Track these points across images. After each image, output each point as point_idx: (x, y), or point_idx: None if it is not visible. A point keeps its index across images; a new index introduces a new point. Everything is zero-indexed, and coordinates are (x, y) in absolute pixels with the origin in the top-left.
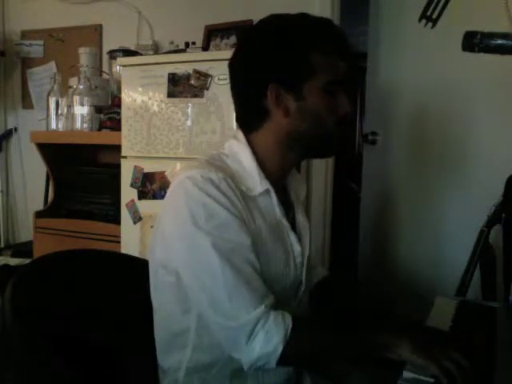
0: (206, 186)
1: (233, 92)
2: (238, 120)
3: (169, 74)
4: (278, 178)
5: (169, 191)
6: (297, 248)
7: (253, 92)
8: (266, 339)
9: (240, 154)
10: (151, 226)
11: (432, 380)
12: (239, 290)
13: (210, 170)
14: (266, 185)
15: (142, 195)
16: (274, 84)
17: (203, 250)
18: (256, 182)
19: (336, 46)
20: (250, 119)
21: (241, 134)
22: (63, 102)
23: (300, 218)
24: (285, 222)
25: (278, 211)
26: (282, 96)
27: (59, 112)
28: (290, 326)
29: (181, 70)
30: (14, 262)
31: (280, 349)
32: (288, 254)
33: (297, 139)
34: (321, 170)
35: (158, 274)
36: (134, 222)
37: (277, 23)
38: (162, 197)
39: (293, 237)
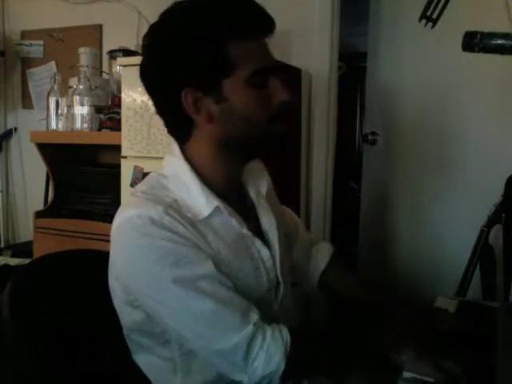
0: (146, 227)
1: (152, 103)
2: (168, 132)
3: None
4: (227, 186)
5: (111, 237)
6: (265, 252)
7: (167, 101)
8: (268, 359)
9: (179, 172)
10: None
11: (432, 380)
12: (219, 315)
13: (147, 205)
14: (214, 202)
15: None
16: (188, 88)
17: (167, 290)
18: (202, 203)
19: (252, 27)
20: (176, 130)
21: (176, 148)
22: (63, 102)
23: (264, 217)
24: (245, 232)
25: (235, 224)
26: (201, 100)
27: (59, 112)
28: (289, 341)
29: None
30: (14, 261)
31: (282, 366)
32: (256, 262)
33: (231, 144)
34: (321, 169)
35: (127, 314)
36: None
37: (177, 16)
38: None
39: (258, 242)
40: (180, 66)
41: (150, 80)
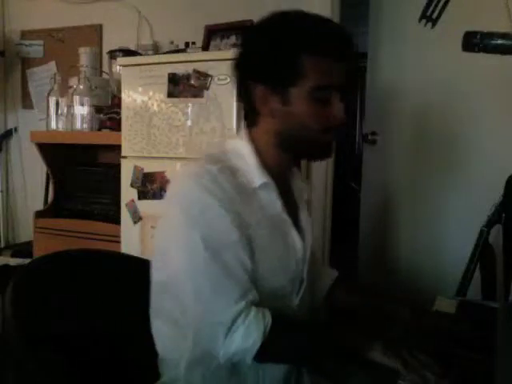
0: (202, 179)
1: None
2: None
3: (169, 74)
4: (278, 174)
5: (169, 185)
6: (298, 243)
7: (244, 90)
8: (246, 334)
9: (241, 149)
10: (151, 226)
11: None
12: (223, 283)
13: (208, 162)
14: (266, 178)
15: (142, 195)
16: (261, 85)
17: (193, 242)
18: (255, 174)
19: (330, 48)
20: (247, 115)
21: (244, 132)
22: (63, 102)
23: (303, 215)
24: (285, 217)
25: (278, 205)
26: (269, 98)
27: (59, 112)
28: (270, 323)
29: (181, 70)
30: (13, 261)
31: (258, 345)
32: (288, 248)
33: (285, 140)
34: (321, 170)
35: (156, 269)
36: (134, 222)
37: (268, 22)
38: (162, 197)
39: (294, 232)
40: (259, 65)
41: (236, 69)
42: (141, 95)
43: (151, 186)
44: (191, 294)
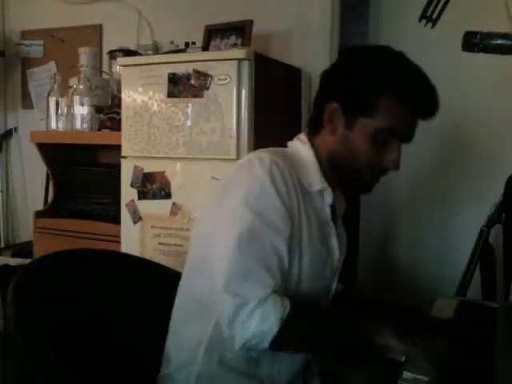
0: (271, 168)
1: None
2: (308, 121)
3: (169, 74)
4: (329, 183)
5: (234, 169)
6: (336, 253)
7: (318, 100)
8: (263, 317)
9: (302, 153)
10: (151, 226)
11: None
12: (256, 270)
13: (278, 156)
14: (324, 184)
15: (142, 195)
16: (334, 103)
17: (241, 222)
18: (315, 178)
19: (417, 103)
20: (311, 121)
21: (304, 136)
22: (63, 102)
23: (340, 230)
24: (332, 225)
25: (328, 212)
26: (337, 117)
27: (59, 112)
28: (288, 309)
29: (181, 70)
30: (14, 261)
31: (275, 329)
32: (328, 255)
33: (333, 160)
34: None
35: (195, 249)
36: (134, 222)
37: (372, 53)
38: (162, 197)
39: (335, 241)
40: (344, 84)
41: (322, 78)
42: (141, 95)
43: (151, 185)
44: (223, 272)
